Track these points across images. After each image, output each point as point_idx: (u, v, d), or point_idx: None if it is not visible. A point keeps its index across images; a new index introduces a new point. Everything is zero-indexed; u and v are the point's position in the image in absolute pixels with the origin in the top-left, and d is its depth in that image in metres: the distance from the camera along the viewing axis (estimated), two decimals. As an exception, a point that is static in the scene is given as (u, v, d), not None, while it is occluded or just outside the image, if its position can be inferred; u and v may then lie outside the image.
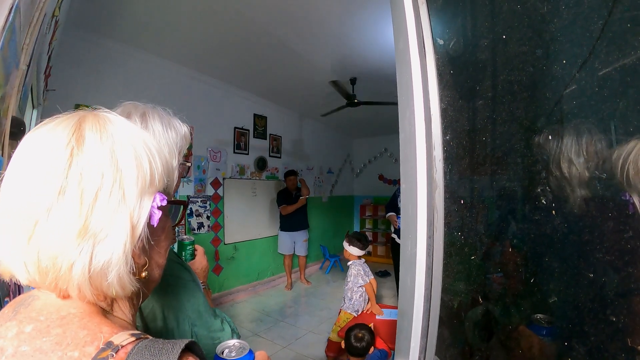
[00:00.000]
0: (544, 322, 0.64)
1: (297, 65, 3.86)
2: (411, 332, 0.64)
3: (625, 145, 0.52)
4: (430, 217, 0.63)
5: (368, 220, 7.71)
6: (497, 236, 0.73)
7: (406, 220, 0.68)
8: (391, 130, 7.35)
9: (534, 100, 0.64)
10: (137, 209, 0.42)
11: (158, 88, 3.77)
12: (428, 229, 0.62)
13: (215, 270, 4.46)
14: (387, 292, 5.07)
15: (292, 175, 5.09)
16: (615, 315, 0.51)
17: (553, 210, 0.58)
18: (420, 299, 0.62)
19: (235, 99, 4.80)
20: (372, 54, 3.55)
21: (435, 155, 0.64)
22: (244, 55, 3.66)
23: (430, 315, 0.63)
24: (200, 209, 4.29)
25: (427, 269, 0.62)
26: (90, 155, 0.40)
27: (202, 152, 4.31)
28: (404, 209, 0.69)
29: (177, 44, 3.44)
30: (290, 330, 3.67)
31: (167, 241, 0.53)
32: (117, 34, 3.19)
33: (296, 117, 6.13)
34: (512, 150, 0.69)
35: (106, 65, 3.28)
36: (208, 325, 0.86)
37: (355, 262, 2.91)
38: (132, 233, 0.41)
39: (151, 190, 0.45)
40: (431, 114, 0.65)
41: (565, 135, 0.59)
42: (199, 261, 1.15)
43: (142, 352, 0.37)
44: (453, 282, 0.68)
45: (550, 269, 0.62)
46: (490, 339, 0.74)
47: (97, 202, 0.39)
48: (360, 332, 2.05)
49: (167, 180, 0.50)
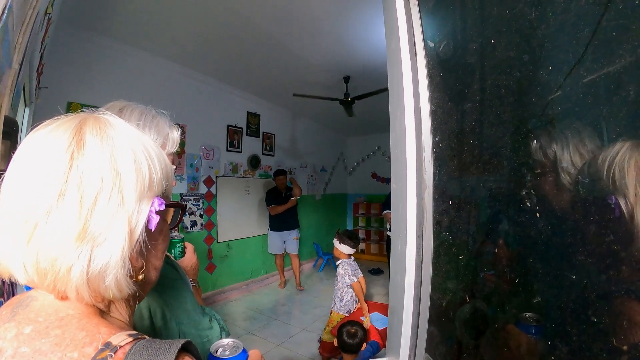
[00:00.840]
0: (533, 321, 0.65)
1: (290, 63, 3.86)
2: (401, 330, 0.65)
3: (611, 147, 0.53)
4: (420, 217, 0.64)
5: (361, 218, 7.75)
6: (485, 236, 0.74)
7: (396, 220, 0.69)
8: (385, 129, 7.32)
9: (521, 104, 0.66)
10: (135, 213, 0.43)
11: (150, 85, 3.74)
12: (417, 228, 0.63)
13: (208, 269, 4.46)
14: (380, 289, 5.11)
15: (282, 175, 4.97)
16: (601, 316, 0.52)
17: (538, 213, 0.60)
18: (410, 297, 0.63)
19: (229, 96, 4.78)
20: (366, 52, 3.57)
21: (425, 157, 0.65)
22: (238, 52, 3.65)
23: (420, 313, 0.65)
24: (193, 207, 4.27)
25: (416, 267, 0.63)
26: (90, 159, 0.40)
27: (194, 150, 4.29)
28: (394, 209, 0.70)
29: (170, 41, 3.41)
30: (283, 329, 3.68)
31: (164, 244, 0.54)
32: (110, 31, 3.16)
33: (289, 115, 6.13)
34: (499, 151, 0.70)
35: (99, 62, 3.24)
36: (196, 324, 0.86)
37: (344, 260, 2.87)
38: (130, 237, 0.42)
39: (150, 195, 0.45)
40: (421, 116, 0.66)
41: (552, 138, 0.61)
42: (189, 259, 1.15)
43: (140, 352, 0.38)
44: (442, 280, 0.70)
45: (537, 269, 0.64)
46: (479, 337, 0.76)
47: (97, 206, 0.39)
48: (353, 328, 2.06)
49: (166, 184, 0.50)
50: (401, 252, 0.65)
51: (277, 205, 4.89)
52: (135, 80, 3.59)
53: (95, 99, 3.22)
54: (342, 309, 2.81)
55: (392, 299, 0.72)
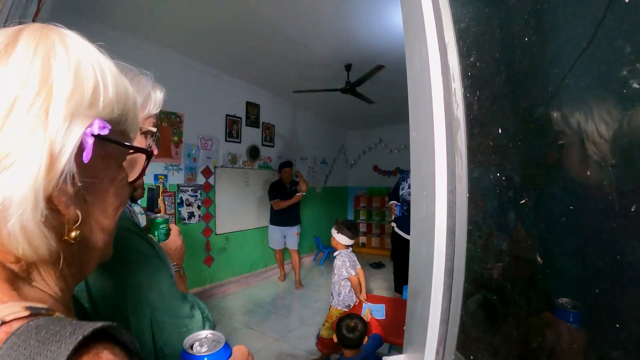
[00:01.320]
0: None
1: (291, 51, 3.72)
2: (428, 317, 0.51)
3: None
4: (452, 163, 0.50)
5: (362, 211, 7.62)
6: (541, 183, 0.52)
7: (418, 172, 0.55)
8: (386, 121, 7.24)
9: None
10: (61, 132, 0.30)
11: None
12: (449, 180, 0.49)
13: (206, 262, 4.34)
14: (381, 283, 5.00)
15: (288, 167, 4.69)
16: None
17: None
18: (441, 272, 0.49)
19: (227, 86, 4.64)
20: (368, 39, 3.43)
21: (454, 87, 0.52)
22: (237, 40, 3.51)
23: (452, 295, 0.51)
24: (190, 198, 4.15)
25: (448, 232, 0.49)
26: (17, 59, 0.30)
27: (192, 139, 4.16)
28: (414, 158, 0.56)
29: (168, 29, 3.29)
30: (282, 323, 3.58)
31: (116, 198, 0.40)
32: (106, 18, 3.05)
33: (290, 106, 5.99)
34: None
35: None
36: (174, 310, 0.73)
37: (341, 252, 2.71)
38: (49, 164, 0.30)
39: (89, 114, 0.33)
40: (446, 42, 0.53)
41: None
42: (173, 241, 1.03)
43: (29, 334, 0.26)
44: (481, 250, 0.56)
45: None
46: (533, 331, 0.58)
47: (10, 117, 0.29)
48: (353, 322, 1.93)
49: (120, 113, 0.38)
50: (427, 213, 0.51)
51: (280, 200, 4.66)
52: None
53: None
54: (341, 304, 2.68)
55: (412, 277, 0.58)
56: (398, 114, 6.55)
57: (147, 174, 2.53)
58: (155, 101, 0.77)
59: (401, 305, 2.63)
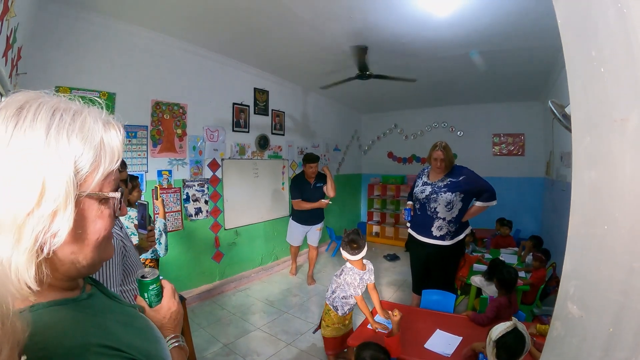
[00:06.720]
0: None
1: (301, 33, 3.39)
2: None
3: None
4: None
5: (376, 200, 7.36)
6: None
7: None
8: (402, 105, 6.87)
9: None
10: None
11: (147, 63, 3.38)
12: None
13: (215, 258, 4.22)
14: (397, 277, 4.82)
15: (313, 162, 4.19)
16: None
17: None
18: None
19: (234, 72, 4.36)
20: (386, 21, 3.07)
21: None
22: (243, 23, 3.20)
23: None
24: (197, 194, 3.98)
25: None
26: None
27: (197, 131, 3.94)
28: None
29: (167, 13, 3.00)
30: (294, 324, 3.44)
31: None
32: (99, 5, 2.80)
33: (300, 91, 5.68)
34: None
35: (88, 41, 2.91)
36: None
37: (354, 268, 2.39)
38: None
39: None
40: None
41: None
42: (167, 306, 0.83)
43: None
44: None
45: None
46: None
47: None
48: (378, 355, 1.72)
49: None
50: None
51: (302, 201, 4.27)
52: (130, 58, 3.25)
53: (85, 81, 2.94)
54: (330, 303, 2.49)
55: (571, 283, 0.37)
56: (414, 98, 6.17)
57: (148, 170, 2.33)
58: (112, 151, 0.53)
59: (415, 314, 2.44)
